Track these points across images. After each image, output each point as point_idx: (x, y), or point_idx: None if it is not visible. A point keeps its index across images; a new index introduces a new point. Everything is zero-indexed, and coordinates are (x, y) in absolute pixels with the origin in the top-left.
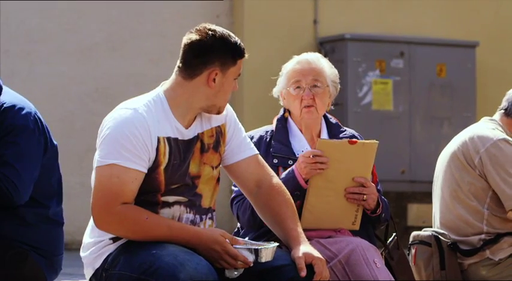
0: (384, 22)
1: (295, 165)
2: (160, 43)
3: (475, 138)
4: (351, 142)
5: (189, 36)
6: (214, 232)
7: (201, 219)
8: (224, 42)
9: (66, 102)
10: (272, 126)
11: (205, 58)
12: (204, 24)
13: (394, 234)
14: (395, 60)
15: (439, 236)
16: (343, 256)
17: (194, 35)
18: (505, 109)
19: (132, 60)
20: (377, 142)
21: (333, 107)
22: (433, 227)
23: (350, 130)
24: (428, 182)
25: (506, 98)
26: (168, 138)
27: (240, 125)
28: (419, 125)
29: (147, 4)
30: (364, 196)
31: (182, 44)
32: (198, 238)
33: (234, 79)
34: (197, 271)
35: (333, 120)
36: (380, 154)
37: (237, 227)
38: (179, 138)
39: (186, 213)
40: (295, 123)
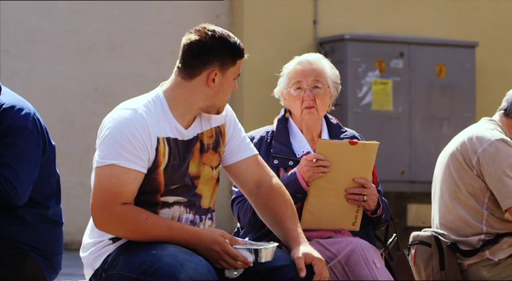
0: (384, 22)
1: (297, 167)
2: (160, 43)
3: (474, 138)
4: (352, 143)
5: (188, 36)
6: (214, 232)
7: (201, 219)
8: (223, 42)
9: (66, 102)
10: (273, 126)
11: (205, 58)
12: (204, 25)
13: (394, 235)
14: (395, 61)
15: (439, 237)
16: (342, 257)
17: (193, 35)
18: (504, 109)
19: (131, 60)
20: (378, 142)
21: (334, 108)
22: (432, 227)
23: (351, 131)
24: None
25: (505, 98)
26: (168, 138)
27: (239, 125)
28: (419, 126)
29: (147, 4)
30: (365, 197)
31: (181, 44)
32: (197, 238)
33: (234, 79)
34: (197, 271)
35: (334, 120)
36: (380, 154)
37: (236, 227)
38: (179, 139)
39: (186, 213)
40: (296, 124)
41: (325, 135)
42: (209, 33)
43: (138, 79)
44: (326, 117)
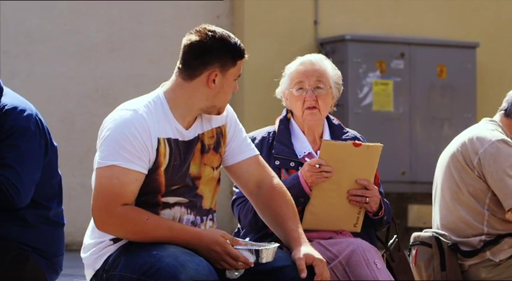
0: (384, 23)
1: (300, 171)
2: (160, 44)
3: (474, 139)
4: (356, 144)
5: (188, 37)
6: (214, 232)
7: (202, 220)
8: (224, 43)
9: (66, 103)
10: (274, 127)
11: (205, 59)
12: (204, 25)
13: (395, 236)
14: (395, 61)
15: (440, 237)
16: (343, 257)
17: (194, 36)
18: (505, 110)
19: (132, 61)
20: (381, 145)
21: (335, 108)
22: (433, 228)
23: (352, 132)
24: (428, 183)
25: (506, 99)
26: (169, 139)
27: (240, 125)
28: (419, 126)
29: (147, 5)
30: (367, 199)
31: (182, 45)
32: (198, 239)
33: (234, 80)
34: (198, 272)
35: (336, 121)
36: (380, 155)
37: (237, 227)
38: (179, 139)
39: (187, 214)
40: (298, 125)
41: (327, 136)
42: (209, 33)
43: (138, 80)
44: (328, 118)
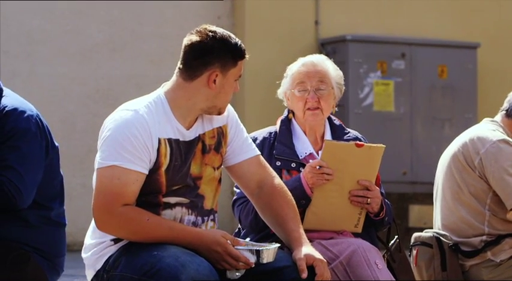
0: (385, 23)
1: (302, 173)
2: (161, 44)
3: (475, 139)
4: (358, 145)
5: (189, 37)
6: (215, 233)
7: (203, 221)
8: (224, 43)
9: (67, 103)
10: (276, 127)
11: (206, 59)
12: (205, 26)
13: (396, 237)
14: (396, 62)
15: (441, 238)
16: (344, 257)
17: (194, 36)
18: (506, 110)
19: (133, 61)
20: (384, 146)
21: (337, 109)
22: (434, 228)
23: (354, 132)
24: (429, 183)
25: (507, 99)
26: (169, 139)
27: (241, 125)
28: (420, 126)
29: (148, 5)
30: (368, 200)
31: (183, 45)
32: (199, 239)
33: (235, 80)
34: (198, 272)
35: (337, 121)
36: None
37: (237, 227)
38: (180, 140)
39: (188, 215)
40: (299, 125)
41: (328, 136)
42: (210, 34)
43: (139, 80)
44: (329, 119)
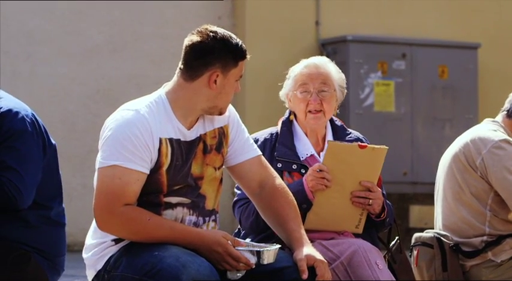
0: (386, 24)
1: (305, 177)
2: (162, 45)
3: (477, 139)
4: (361, 146)
5: (190, 37)
6: (216, 233)
7: (204, 221)
8: (225, 43)
9: (68, 103)
10: (277, 128)
11: (206, 60)
12: (206, 26)
13: (397, 237)
14: (397, 62)
15: (441, 238)
16: (345, 258)
17: (195, 36)
18: (507, 111)
19: (133, 61)
20: (387, 147)
21: (338, 111)
22: (434, 228)
23: (355, 133)
24: (430, 184)
25: (508, 99)
26: (170, 139)
27: (242, 126)
28: (421, 127)
29: (149, 5)
30: (370, 201)
31: (184, 45)
32: (200, 240)
33: (236, 81)
34: (199, 273)
35: (338, 122)
36: None
37: (237, 227)
38: (181, 140)
39: (189, 215)
40: (300, 127)
41: (330, 137)
42: (211, 34)
43: (139, 80)
44: (331, 120)
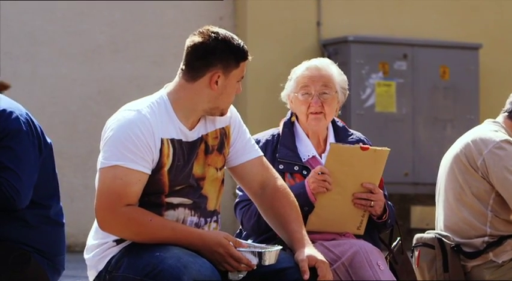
0: (387, 24)
1: (306, 180)
2: (164, 45)
3: (478, 140)
4: (363, 148)
5: (191, 38)
6: (218, 234)
7: (206, 222)
8: (227, 44)
9: (69, 104)
10: (278, 129)
11: (208, 60)
12: (207, 27)
13: (398, 238)
14: (398, 63)
15: (443, 239)
16: (346, 258)
17: (197, 37)
18: (508, 112)
19: (135, 62)
20: (389, 149)
21: (340, 112)
22: (436, 229)
23: (357, 134)
24: (431, 184)
25: (509, 100)
26: (172, 139)
27: (244, 126)
28: (422, 127)
29: (150, 6)
30: (372, 202)
31: (185, 46)
32: (201, 240)
33: (237, 81)
34: (200, 274)
35: (340, 123)
36: None
37: (239, 228)
38: (183, 140)
39: (191, 216)
40: (302, 128)
41: (332, 139)
42: (212, 35)
43: (141, 81)
44: (332, 121)
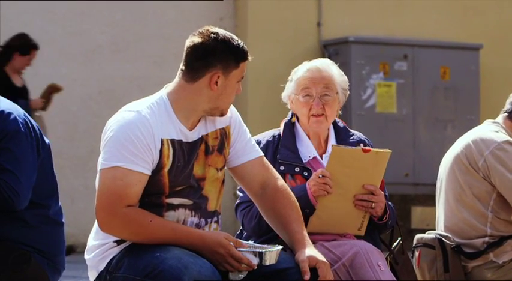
0: (388, 25)
1: (307, 182)
2: (164, 46)
3: (479, 141)
4: (365, 150)
5: (191, 39)
6: (218, 234)
7: (206, 222)
8: (226, 45)
9: (70, 104)
10: (279, 130)
11: (208, 61)
12: (207, 27)
13: (399, 239)
14: (399, 63)
15: (443, 239)
16: (347, 259)
17: (197, 37)
18: (508, 112)
19: (135, 62)
20: (390, 151)
21: (341, 113)
22: (436, 230)
23: (358, 134)
24: (431, 185)
25: (509, 101)
26: (172, 140)
27: (244, 127)
28: (423, 128)
29: (151, 6)
30: (373, 204)
31: (185, 46)
32: (202, 241)
33: (237, 82)
34: (201, 274)
35: (341, 124)
36: None
37: (240, 229)
38: (183, 141)
39: (191, 216)
40: (303, 129)
41: (332, 140)
42: (212, 35)
43: (141, 81)
44: (333, 121)
